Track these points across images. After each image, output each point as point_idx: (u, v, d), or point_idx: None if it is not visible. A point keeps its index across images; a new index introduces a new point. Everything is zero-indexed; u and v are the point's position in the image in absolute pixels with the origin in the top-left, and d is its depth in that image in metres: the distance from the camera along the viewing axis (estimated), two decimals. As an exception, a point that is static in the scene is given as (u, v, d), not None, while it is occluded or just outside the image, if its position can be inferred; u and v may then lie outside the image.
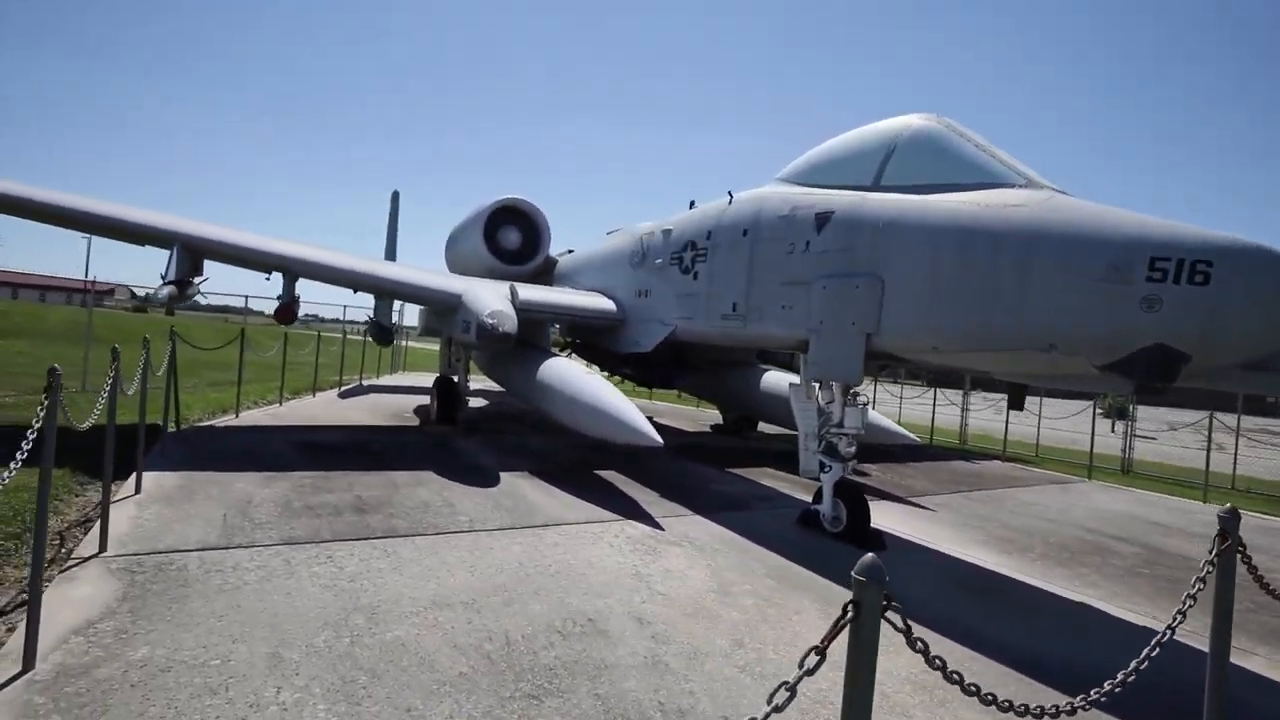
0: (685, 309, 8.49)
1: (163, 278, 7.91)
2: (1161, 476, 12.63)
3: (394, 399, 15.28)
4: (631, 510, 6.78)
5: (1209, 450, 11.51)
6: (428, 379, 22.75)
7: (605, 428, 7.37)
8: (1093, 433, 12.93)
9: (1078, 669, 3.98)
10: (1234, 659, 3.46)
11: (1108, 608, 5.18)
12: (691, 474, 8.95)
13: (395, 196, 18.86)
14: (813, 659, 1.73)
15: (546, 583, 4.64)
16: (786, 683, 1.73)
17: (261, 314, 19.33)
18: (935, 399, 15.86)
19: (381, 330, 10.19)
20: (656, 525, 6.34)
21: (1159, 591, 5.69)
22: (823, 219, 6.41)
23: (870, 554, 1.78)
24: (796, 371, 12.01)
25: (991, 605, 5.02)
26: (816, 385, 6.74)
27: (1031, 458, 13.95)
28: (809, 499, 7.45)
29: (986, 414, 17.04)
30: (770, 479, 9.12)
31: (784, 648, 3.94)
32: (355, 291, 9.61)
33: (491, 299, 8.82)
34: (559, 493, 7.26)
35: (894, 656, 3.79)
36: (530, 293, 9.76)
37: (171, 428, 8.59)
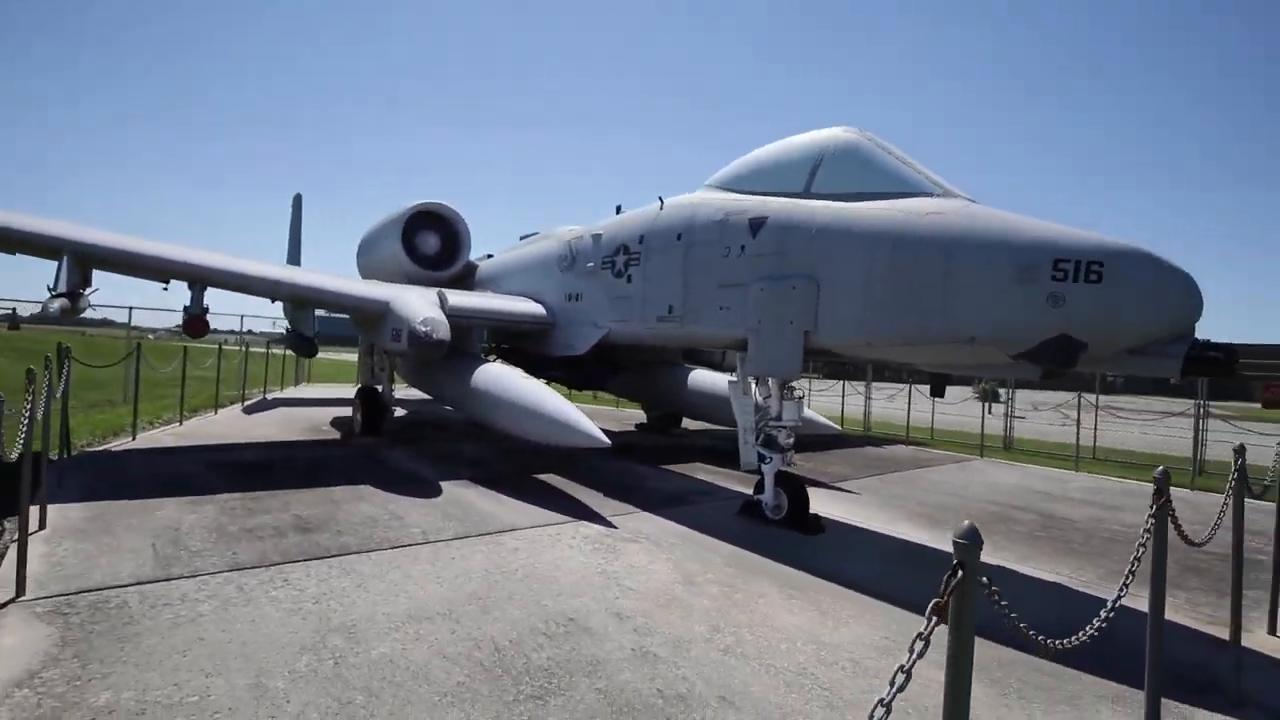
0: (619, 312, 8.64)
1: (51, 290, 7.11)
2: (1037, 451, 14.10)
3: (305, 412, 14.45)
4: (581, 511, 6.86)
5: (1079, 426, 12.98)
6: (337, 390, 21.78)
7: (549, 431, 7.38)
8: (984, 415, 14.27)
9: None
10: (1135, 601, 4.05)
11: (1023, 569, 5.83)
12: (629, 473, 9.11)
13: (298, 200, 17.76)
14: (932, 621, 1.92)
15: (518, 587, 4.66)
16: (920, 633, 1.90)
17: (138, 328, 17.60)
18: (844, 391, 16.89)
19: (303, 341, 9.61)
20: (609, 524, 6.46)
21: (1059, 551, 6.44)
22: (757, 224, 6.76)
23: (968, 522, 2.04)
24: (724, 370, 12.52)
25: (929, 573, 5.52)
26: (753, 381, 7.10)
27: (929, 440, 15.18)
28: (745, 490, 7.85)
29: (880, 402, 18.38)
30: (704, 473, 9.45)
31: (758, 629, 4.18)
32: (273, 301, 9.03)
33: (421, 306, 8.58)
34: (506, 499, 7.22)
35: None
36: (460, 299, 9.57)
37: (55, 454, 7.76)
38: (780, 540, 6.16)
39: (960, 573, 1.79)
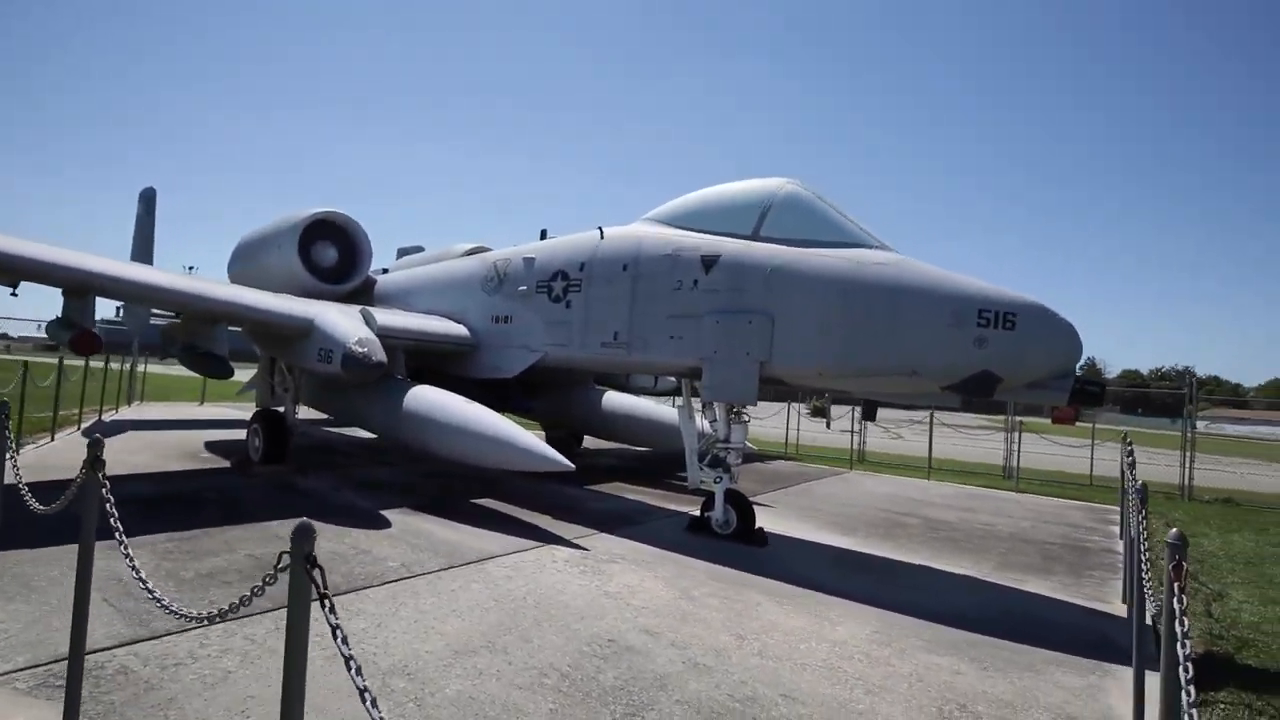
0: (556, 336, 8.81)
1: None
2: (884, 463, 16.18)
3: (166, 436, 12.59)
4: (543, 535, 6.95)
5: (930, 440, 15.17)
6: (183, 409, 18.96)
7: (504, 456, 7.35)
8: (853, 430, 16.11)
9: (967, 611, 5.41)
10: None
11: (931, 564, 6.91)
12: (560, 494, 9.24)
13: (149, 195, 15.42)
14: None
15: (539, 614, 4.76)
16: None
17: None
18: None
19: (214, 360, 8.46)
20: (578, 547, 6.63)
21: (955, 551, 7.67)
22: (709, 261, 7.36)
23: (1176, 529, 2.61)
24: (632, 392, 12.98)
25: (867, 575, 6.37)
26: (699, 406, 7.68)
27: (797, 455, 16.78)
28: (674, 508, 8.48)
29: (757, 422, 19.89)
30: (630, 493, 9.83)
31: (774, 634, 4.68)
32: (179, 316, 7.94)
33: (351, 325, 8.11)
34: (461, 526, 7.09)
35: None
36: (386, 318, 9.12)
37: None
38: (738, 553, 6.74)
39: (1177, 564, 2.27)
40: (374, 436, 9.76)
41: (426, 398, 8.18)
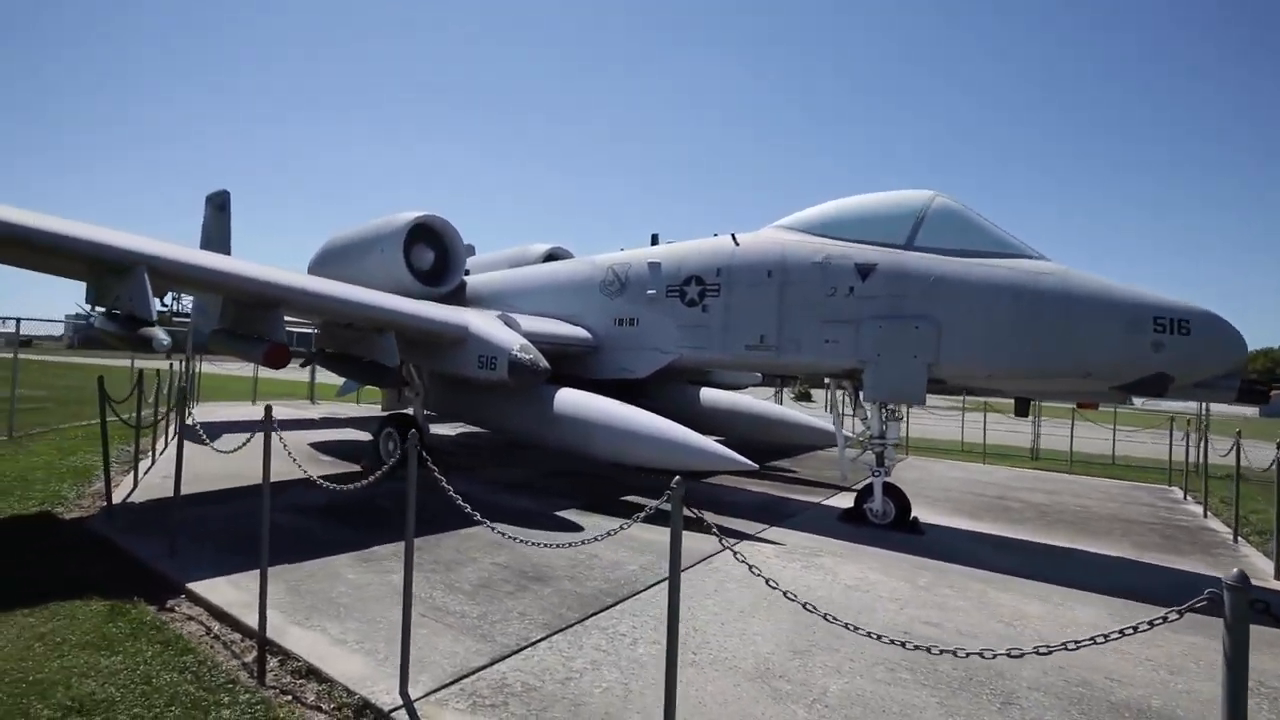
0: (693, 339, 9.12)
1: (121, 313, 5.72)
2: (913, 447, 16.94)
3: (284, 440, 12.28)
4: (726, 530, 7.30)
5: (985, 428, 15.95)
6: (245, 410, 18.08)
7: (681, 458, 7.60)
8: (906, 420, 16.78)
9: (1158, 590, 6.00)
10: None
11: (1074, 546, 7.54)
12: (694, 489, 9.53)
13: (221, 198, 14.80)
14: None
15: (827, 609, 5.12)
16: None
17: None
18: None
19: (382, 370, 8.36)
20: (771, 541, 7.04)
21: (1079, 531, 8.32)
22: (865, 269, 7.76)
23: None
24: (725, 388, 13.28)
25: (1030, 556, 6.94)
26: (849, 405, 8.10)
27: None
28: (802, 499, 8.96)
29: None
30: (752, 485, 10.18)
31: (1031, 620, 5.13)
32: (348, 326, 7.90)
33: (507, 333, 8.27)
34: (649, 525, 7.33)
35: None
36: (527, 323, 9.29)
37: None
38: (907, 542, 7.22)
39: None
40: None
41: (580, 402, 8.38)
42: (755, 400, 12.85)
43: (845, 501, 8.94)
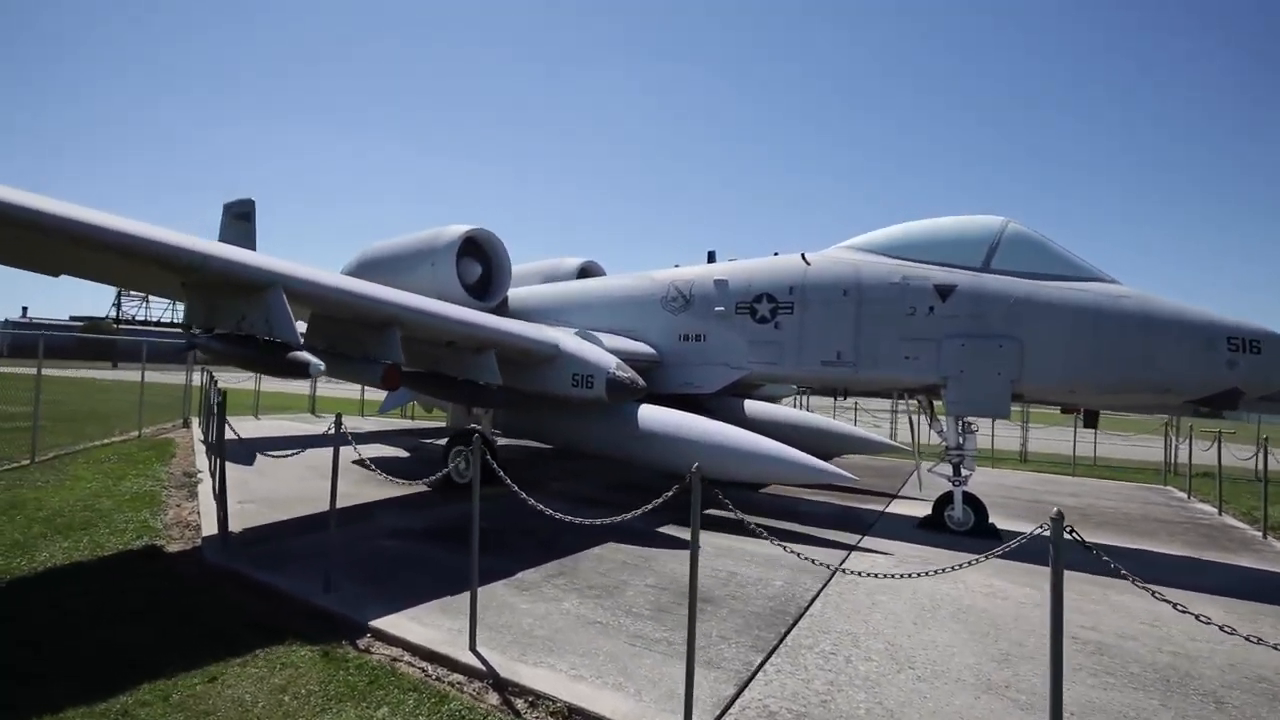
0: (765, 355, 9.34)
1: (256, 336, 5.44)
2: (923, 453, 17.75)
3: (321, 456, 11.14)
4: (826, 542, 7.53)
5: (1025, 436, 16.79)
6: (273, 426, 16.74)
7: (779, 471, 7.79)
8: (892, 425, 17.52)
9: (1238, 587, 6.58)
10: None
11: (1137, 547, 8.15)
12: (758, 501, 9.78)
13: (243, 208, 13.91)
14: None
15: (985, 620, 5.38)
16: None
17: None
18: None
19: (479, 390, 8.08)
20: (876, 551, 7.31)
21: (1130, 533, 8.98)
22: (945, 290, 8.17)
23: None
24: (765, 400, 13.55)
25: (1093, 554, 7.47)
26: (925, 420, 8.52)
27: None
28: (870, 508, 9.32)
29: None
30: (808, 494, 10.46)
31: (1162, 621, 5.58)
32: (447, 345, 7.65)
33: (594, 350, 8.26)
34: (741, 539, 7.40)
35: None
36: (609, 341, 9.29)
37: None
38: (991, 547, 7.63)
39: None
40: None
41: (672, 420, 8.40)
42: (792, 410, 13.23)
43: (906, 508, 9.33)
